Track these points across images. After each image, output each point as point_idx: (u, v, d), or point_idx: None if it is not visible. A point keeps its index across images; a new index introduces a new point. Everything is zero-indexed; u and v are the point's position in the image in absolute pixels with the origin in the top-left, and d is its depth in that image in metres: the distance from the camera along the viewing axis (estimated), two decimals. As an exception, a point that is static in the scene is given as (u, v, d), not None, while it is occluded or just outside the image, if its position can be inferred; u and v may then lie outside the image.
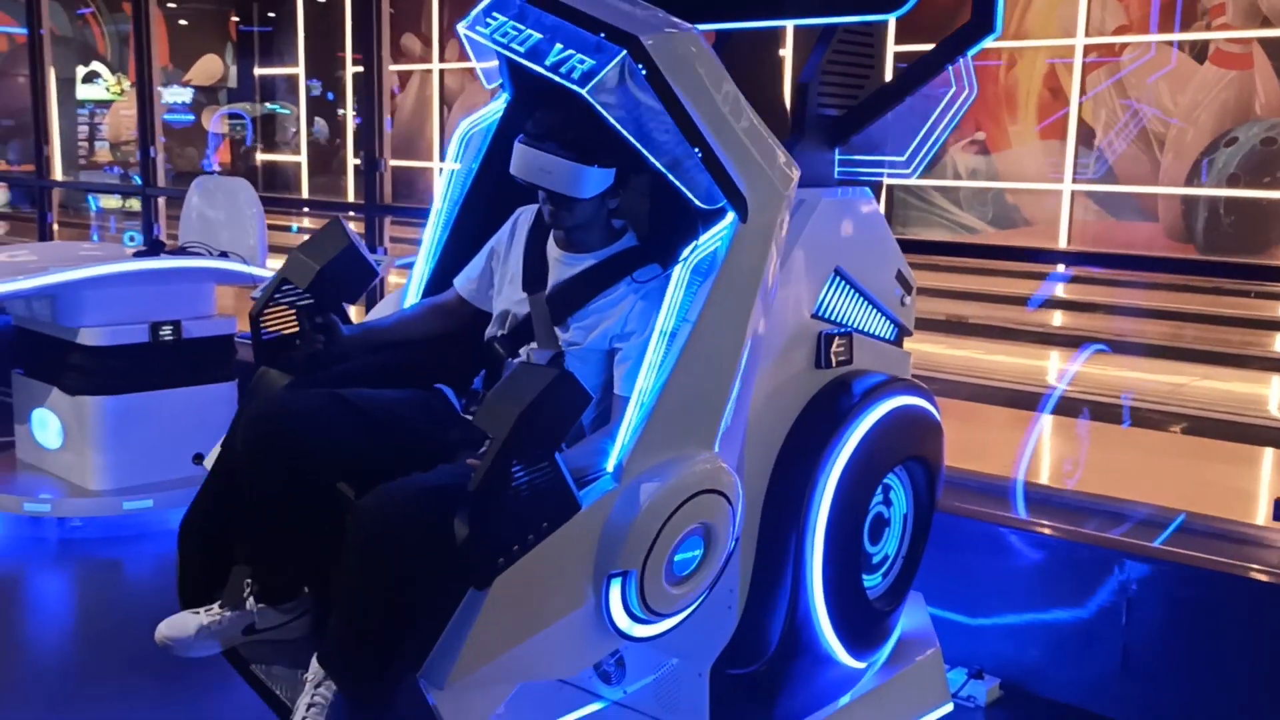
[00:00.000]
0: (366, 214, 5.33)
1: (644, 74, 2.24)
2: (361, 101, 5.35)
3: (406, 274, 2.93)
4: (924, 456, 2.99)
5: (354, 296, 2.62)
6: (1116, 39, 12.59)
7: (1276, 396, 7.27)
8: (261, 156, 21.20)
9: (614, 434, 2.26)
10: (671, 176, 2.37)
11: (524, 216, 2.73)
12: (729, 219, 2.36)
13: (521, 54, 2.37)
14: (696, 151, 2.29)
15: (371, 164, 5.22)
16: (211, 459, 2.49)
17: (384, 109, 5.16)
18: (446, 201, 2.87)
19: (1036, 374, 7.51)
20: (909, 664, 3.04)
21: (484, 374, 2.62)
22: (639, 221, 2.68)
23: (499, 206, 2.79)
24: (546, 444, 2.04)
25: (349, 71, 18.06)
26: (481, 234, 2.81)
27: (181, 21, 21.55)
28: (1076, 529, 3.55)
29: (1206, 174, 12.21)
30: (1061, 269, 10.89)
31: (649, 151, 2.35)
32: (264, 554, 2.35)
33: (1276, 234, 11.99)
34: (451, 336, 2.72)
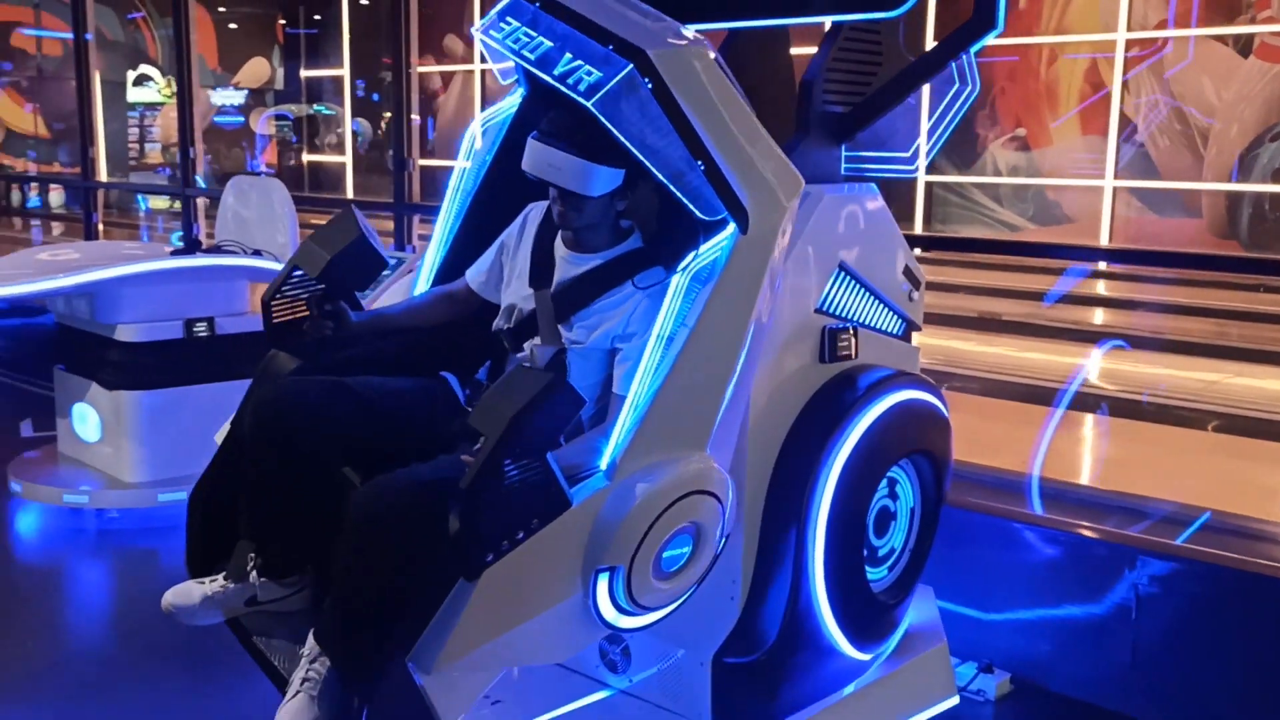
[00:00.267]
0: (395, 212, 5.42)
1: (650, 87, 2.28)
2: (391, 103, 5.43)
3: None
4: (930, 451, 3.00)
5: (363, 285, 2.69)
6: (1159, 34, 12.44)
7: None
8: (307, 157, 21.50)
9: (608, 432, 2.31)
10: (673, 188, 2.41)
11: (534, 213, 2.78)
12: (730, 229, 2.40)
13: (532, 61, 2.41)
14: (699, 164, 2.32)
15: (400, 164, 5.32)
16: (222, 434, 2.58)
17: (412, 110, 5.25)
18: (459, 193, 2.93)
19: (1068, 371, 7.45)
20: (915, 656, 3.07)
21: (489, 365, 2.68)
22: (647, 222, 2.71)
23: (511, 200, 2.84)
24: (538, 445, 2.09)
25: (405, 69, 18.24)
26: (493, 226, 2.85)
27: (231, 25, 21.91)
28: (1088, 524, 3.55)
29: (1248, 170, 12.03)
30: (1103, 266, 10.79)
31: (652, 163, 2.39)
32: (267, 531, 2.43)
33: (1324, 229, 11.81)
34: (459, 325, 2.78)
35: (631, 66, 2.28)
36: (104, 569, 4.60)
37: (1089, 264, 10.69)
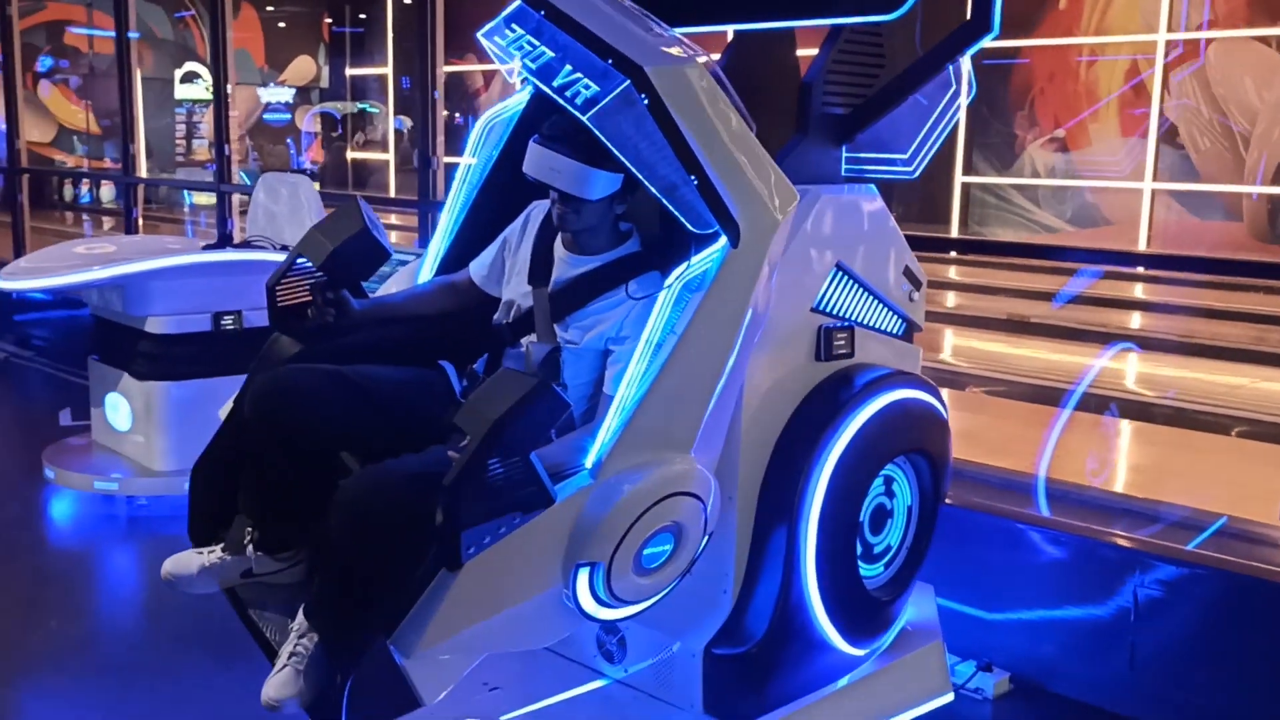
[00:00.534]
0: (420, 209, 5.52)
1: (646, 103, 2.32)
2: (415, 102, 5.52)
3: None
4: (927, 450, 3.03)
5: (365, 275, 2.75)
6: (1199, 35, 12.29)
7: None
8: (351, 154, 21.74)
9: (595, 432, 2.37)
10: (666, 201, 2.45)
11: (536, 211, 2.84)
12: (721, 242, 2.44)
13: (533, 70, 2.46)
14: (693, 179, 2.36)
15: (425, 161, 5.41)
16: (225, 411, 2.67)
17: (438, 109, 5.34)
18: (466, 185, 2.99)
19: (1098, 374, 7.40)
20: (909, 653, 3.09)
21: (486, 358, 2.75)
22: (646, 226, 2.75)
23: (516, 194, 2.89)
24: (521, 446, 2.15)
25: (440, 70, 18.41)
26: (497, 219, 2.91)
27: (279, 24, 22.22)
28: (1086, 525, 3.56)
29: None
30: (1141, 270, 10.68)
31: (645, 176, 2.43)
32: (264, 509, 2.53)
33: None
34: (460, 315, 2.84)
35: (628, 82, 2.32)
36: (132, 554, 4.73)
37: (1128, 267, 10.59)
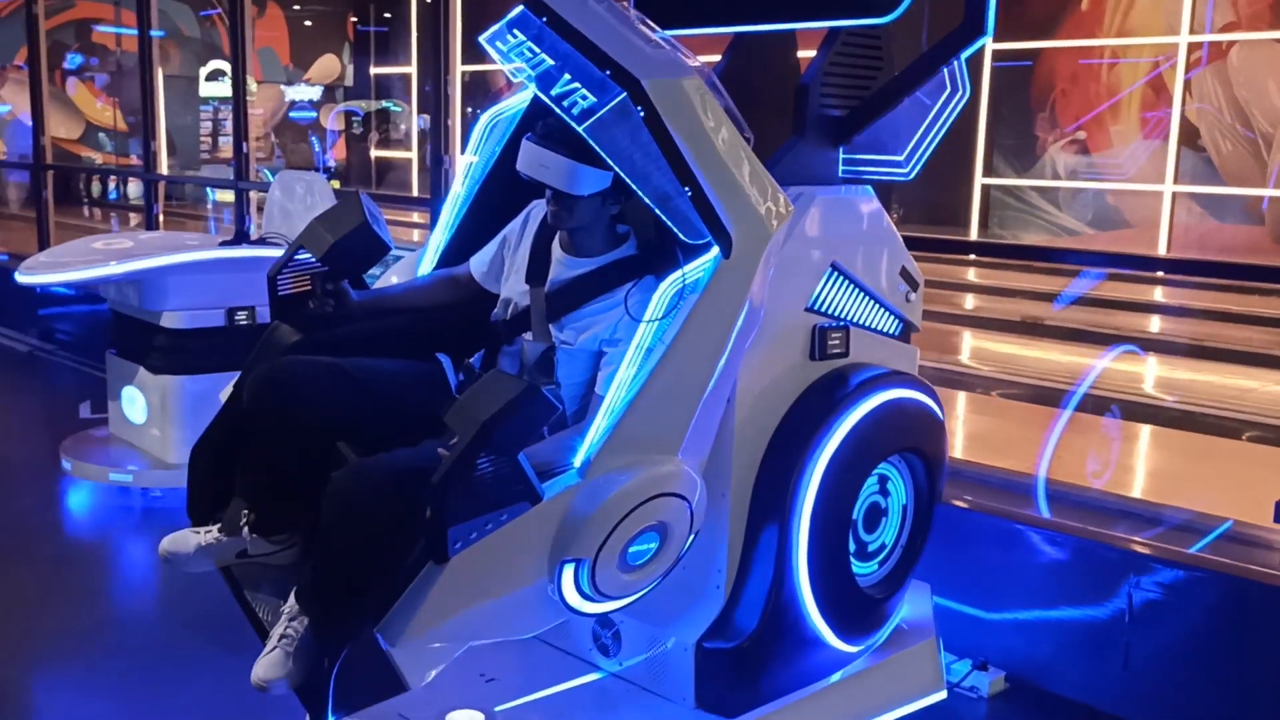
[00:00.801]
0: (432, 208, 5.57)
1: (642, 115, 2.35)
2: (429, 102, 5.58)
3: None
4: (921, 449, 3.06)
5: (365, 268, 2.81)
6: (1222, 37, 12.21)
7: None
8: (375, 152, 21.88)
9: (584, 432, 2.41)
10: (659, 211, 2.48)
11: (536, 210, 2.87)
12: (714, 252, 2.47)
13: (532, 78, 2.49)
14: (686, 190, 2.39)
15: (437, 160, 5.46)
16: (226, 394, 2.73)
17: (451, 109, 5.39)
18: (469, 180, 3.04)
19: (1105, 377, 7.39)
20: (903, 650, 3.12)
21: (483, 353, 2.80)
22: (643, 228, 2.76)
23: (517, 192, 2.91)
24: (509, 447, 2.20)
25: (458, 70, 18.50)
26: (498, 215, 2.95)
27: (305, 23, 22.38)
28: (1084, 526, 3.57)
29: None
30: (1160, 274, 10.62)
31: (639, 186, 2.46)
32: (260, 492, 2.58)
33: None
34: (458, 309, 2.89)
35: (625, 95, 2.35)
36: (145, 545, 4.79)
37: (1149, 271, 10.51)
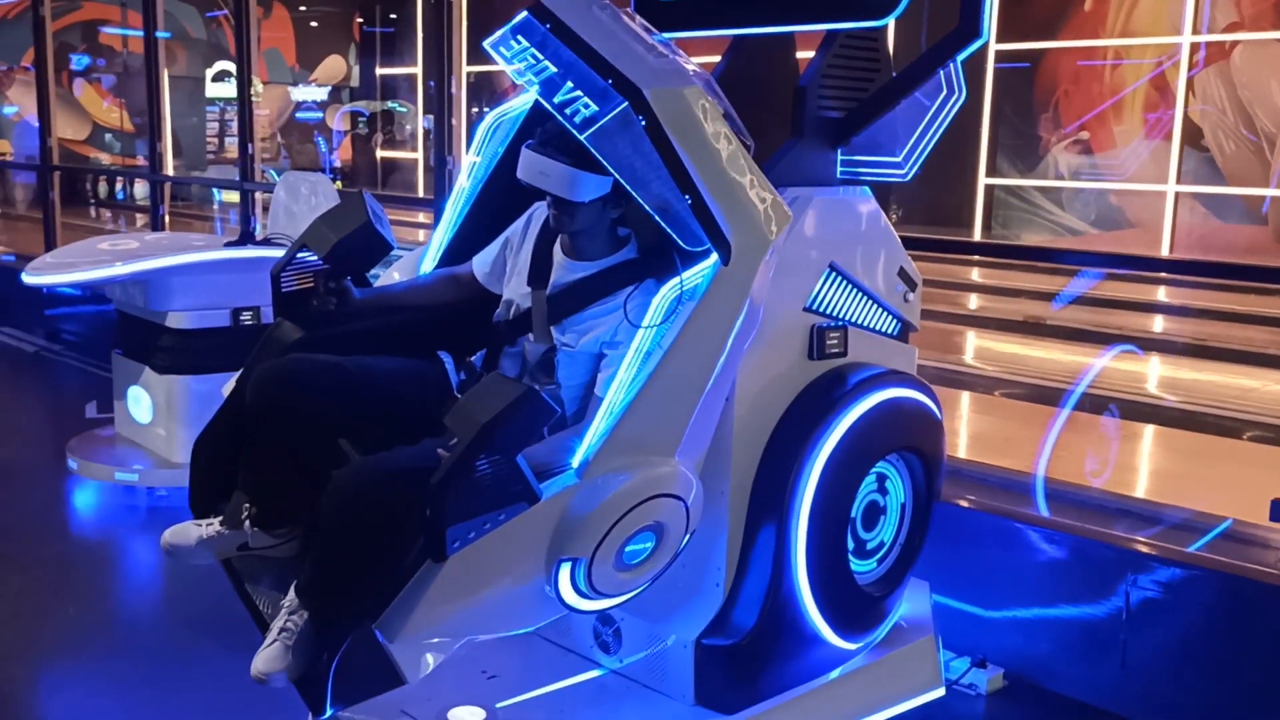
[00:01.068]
0: (436, 208, 5.60)
1: (644, 125, 2.37)
2: (434, 103, 5.62)
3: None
4: (919, 448, 3.08)
5: (368, 267, 2.84)
6: (1225, 37, 12.21)
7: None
8: (381, 153, 21.92)
9: (583, 433, 2.44)
10: (659, 218, 2.50)
11: (538, 213, 2.90)
12: (713, 259, 2.50)
13: (535, 84, 2.50)
14: (687, 198, 2.41)
15: (441, 161, 5.50)
16: (228, 389, 2.76)
17: (454, 110, 5.42)
18: (472, 179, 3.06)
19: (1107, 376, 7.40)
20: (901, 647, 3.14)
21: (485, 353, 2.82)
22: (644, 231, 2.77)
23: (519, 192, 2.89)
24: (508, 449, 2.22)
25: (463, 71, 18.54)
26: (501, 214, 2.97)
27: (311, 24, 22.44)
28: (1082, 525, 3.59)
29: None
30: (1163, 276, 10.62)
31: (640, 194, 2.48)
32: (261, 487, 2.61)
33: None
34: (460, 308, 2.92)
35: (626, 104, 2.36)
36: (150, 544, 4.82)
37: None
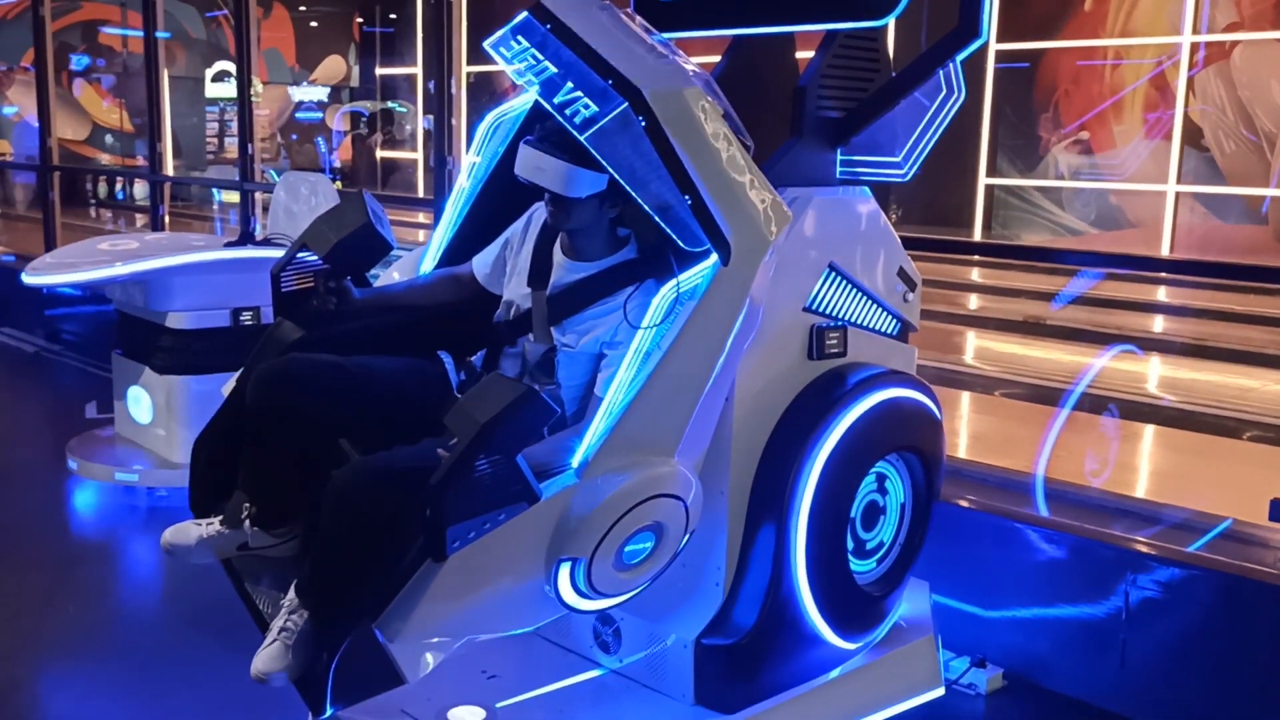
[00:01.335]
0: (436, 208, 5.60)
1: (643, 125, 2.37)
2: (434, 103, 5.62)
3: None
4: (919, 448, 3.08)
5: (368, 267, 2.84)
6: (1225, 37, 12.21)
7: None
8: (381, 154, 21.92)
9: (583, 433, 2.44)
10: (659, 218, 2.51)
11: (538, 214, 2.89)
12: (713, 259, 2.50)
13: (535, 84, 2.50)
14: (687, 198, 2.42)
15: (441, 161, 5.50)
16: (228, 388, 2.77)
17: (454, 110, 5.43)
18: (472, 179, 3.06)
19: (1106, 376, 7.41)
20: (900, 647, 3.14)
21: (485, 353, 2.82)
22: (644, 232, 2.77)
23: (519, 192, 2.90)
24: (508, 448, 2.22)
25: (463, 71, 18.54)
26: (500, 215, 2.98)
27: (311, 24, 22.43)
28: (1082, 525, 3.60)
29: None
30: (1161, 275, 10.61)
31: (639, 194, 2.48)
32: (261, 486, 2.62)
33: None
34: (460, 308, 2.92)
35: (626, 105, 2.37)
36: (150, 544, 4.82)
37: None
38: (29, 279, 5.08)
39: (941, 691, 3.20)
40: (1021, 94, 13.80)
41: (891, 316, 3.10)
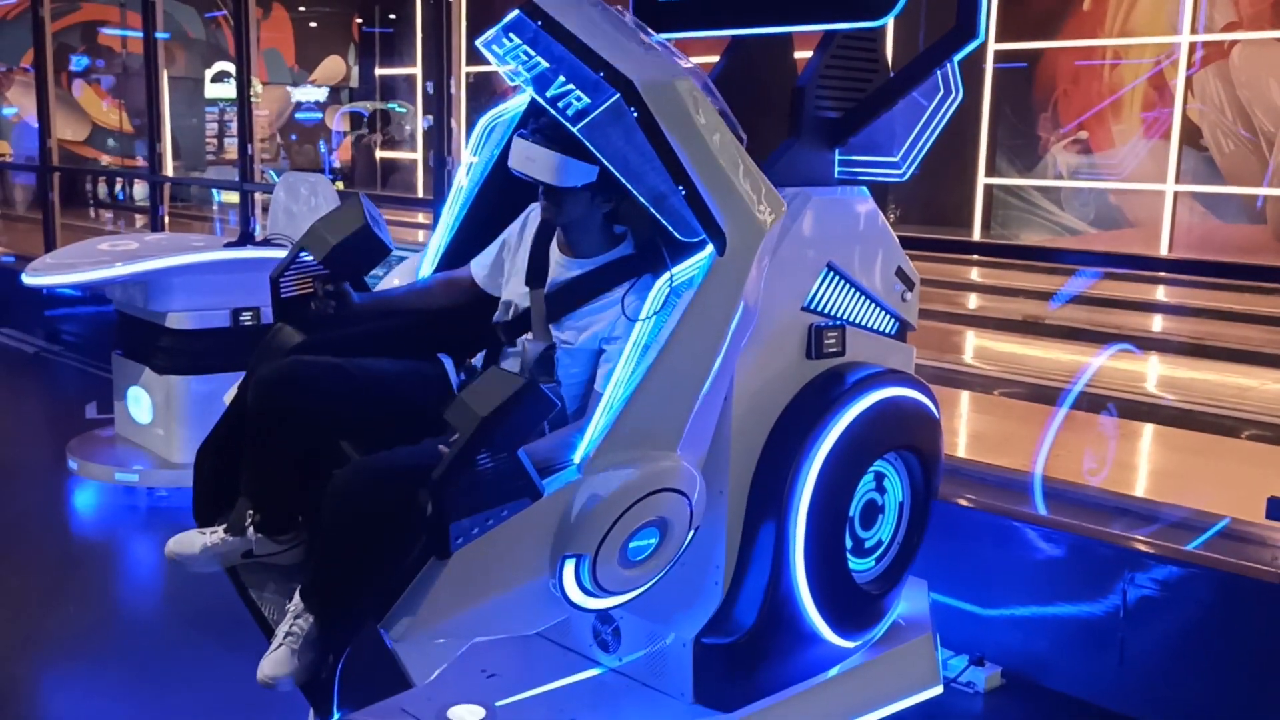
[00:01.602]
0: (435, 209, 5.61)
1: (636, 116, 2.38)
2: (433, 104, 5.63)
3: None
4: (917, 447, 3.09)
5: (366, 270, 2.84)
6: (1223, 36, 12.22)
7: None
8: (380, 154, 21.93)
9: (584, 429, 2.45)
10: (654, 210, 2.52)
11: (534, 214, 2.90)
12: (708, 250, 2.51)
13: (528, 80, 2.52)
14: (681, 189, 2.43)
15: (440, 162, 5.51)
16: (229, 396, 2.77)
17: (453, 110, 5.43)
18: (469, 181, 3.07)
19: (1105, 375, 7.42)
20: (899, 645, 3.15)
21: (485, 353, 2.83)
22: (639, 228, 2.78)
23: (515, 194, 2.94)
24: (509, 443, 2.23)
25: (462, 71, 18.54)
26: (497, 217, 2.98)
27: (310, 24, 22.44)
28: (1082, 524, 3.60)
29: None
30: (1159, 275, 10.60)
31: (634, 186, 2.49)
32: (265, 492, 2.62)
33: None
34: (459, 311, 2.92)
35: (618, 96, 2.38)
36: (150, 544, 4.84)
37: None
38: (29, 279, 5.08)
39: (940, 690, 3.21)
40: (1020, 94, 13.81)
41: (890, 316, 3.11)
